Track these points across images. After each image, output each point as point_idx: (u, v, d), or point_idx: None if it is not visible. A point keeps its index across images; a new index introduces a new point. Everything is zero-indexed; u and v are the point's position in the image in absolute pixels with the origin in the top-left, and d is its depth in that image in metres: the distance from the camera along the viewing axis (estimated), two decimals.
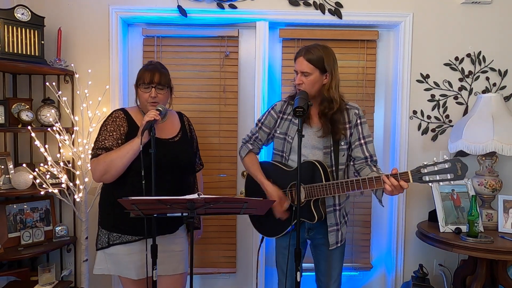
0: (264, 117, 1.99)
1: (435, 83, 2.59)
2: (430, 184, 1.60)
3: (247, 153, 2.01)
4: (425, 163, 1.59)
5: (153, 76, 1.75)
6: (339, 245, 1.90)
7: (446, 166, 1.55)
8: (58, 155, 2.32)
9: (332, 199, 1.84)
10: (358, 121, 1.87)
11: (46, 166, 2.29)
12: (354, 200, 2.66)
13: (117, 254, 1.76)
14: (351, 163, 1.91)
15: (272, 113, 1.97)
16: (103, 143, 1.73)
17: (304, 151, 1.84)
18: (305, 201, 1.81)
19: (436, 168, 1.56)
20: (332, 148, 1.84)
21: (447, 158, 1.57)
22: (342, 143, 1.85)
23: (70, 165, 2.38)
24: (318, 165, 1.79)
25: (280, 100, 2.00)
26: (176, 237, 1.86)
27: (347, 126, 1.85)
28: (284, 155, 1.92)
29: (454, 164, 1.54)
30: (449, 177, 1.54)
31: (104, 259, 1.78)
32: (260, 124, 2.00)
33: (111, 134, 1.74)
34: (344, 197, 1.91)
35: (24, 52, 2.24)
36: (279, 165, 1.92)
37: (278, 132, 1.94)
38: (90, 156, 1.79)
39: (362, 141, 1.86)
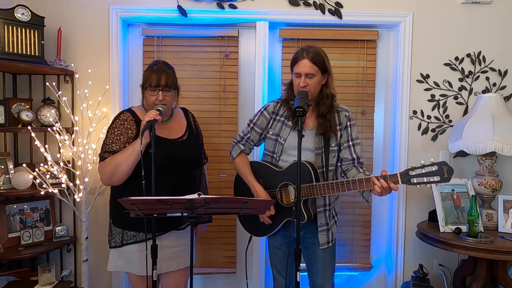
0: (256, 118, 1.99)
1: (435, 83, 2.59)
2: (417, 186, 1.64)
3: (238, 153, 2.02)
4: (413, 165, 1.64)
5: (160, 78, 1.73)
6: (330, 245, 1.91)
7: (433, 169, 1.60)
8: (58, 155, 2.32)
9: (323, 199, 1.87)
10: (348, 123, 1.91)
11: (46, 166, 2.29)
12: (354, 200, 2.66)
13: (129, 252, 1.79)
14: (339, 163, 1.94)
15: (264, 113, 1.96)
16: (110, 146, 1.73)
17: (294, 153, 1.84)
18: (295, 201, 1.82)
19: (423, 171, 1.61)
20: (323, 149, 1.86)
21: (434, 161, 1.61)
22: (333, 145, 1.88)
23: (70, 165, 2.38)
24: (309, 166, 1.80)
25: (272, 101, 1.99)
26: (184, 232, 1.88)
27: (338, 127, 1.89)
28: (275, 156, 1.93)
29: (441, 167, 1.59)
30: (435, 180, 1.59)
31: (118, 257, 1.81)
32: (252, 125, 1.99)
33: (118, 137, 1.74)
34: (333, 197, 1.93)
35: (24, 52, 2.24)
36: (269, 165, 1.93)
37: (270, 133, 1.95)
38: (98, 160, 1.79)
39: (351, 143, 1.90)
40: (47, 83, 2.39)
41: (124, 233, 1.78)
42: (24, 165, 2.30)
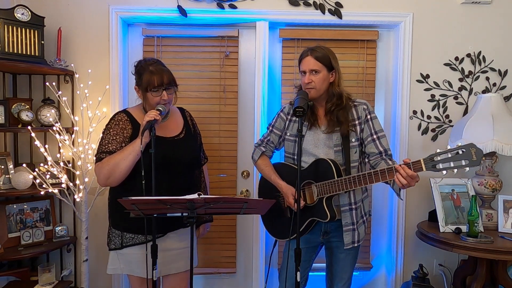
0: (274, 120, 2.04)
1: (435, 83, 2.60)
2: (444, 172, 1.50)
3: (259, 155, 2.05)
4: (438, 150, 1.53)
5: (162, 78, 1.73)
6: (355, 245, 1.86)
7: (460, 152, 1.47)
8: (58, 155, 2.32)
9: (348, 198, 1.82)
10: (368, 117, 1.85)
11: (46, 166, 2.29)
12: None
13: (129, 254, 1.78)
14: (366, 159, 1.88)
15: (281, 115, 2.01)
16: (106, 147, 1.72)
17: (316, 151, 1.86)
18: (317, 199, 1.82)
19: (449, 155, 1.49)
20: (342, 146, 1.83)
21: (460, 144, 1.48)
22: (353, 140, 1.83)
23: (70, 165, 2.38)
24: (330, 162, 1.79)
25: (288, 103, 2.01)
26: (185, 234, 1.86)
27: (357, 122, 1.84)
28: (295, 157, 1.93)
29: (468, 149, 1.44)
30: (463, 164, 1.45)
31: (117, 259, 1.80)
32: (271, 128, 2.05)
33: (114, 138, 1.74)
34: (360, 195, 1.87)
35: (24, 52, 2.24)
36: (291, 165, 1.96)
37: (288, 134, 1.97)
38: (94, 161, 1.79)
39: (375, 136, 1.83)
40: (47, 83, 2.39)
41: (123, 235, 1.77)
42: (24, 165, 2.30)
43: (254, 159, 2.08)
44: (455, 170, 1.50)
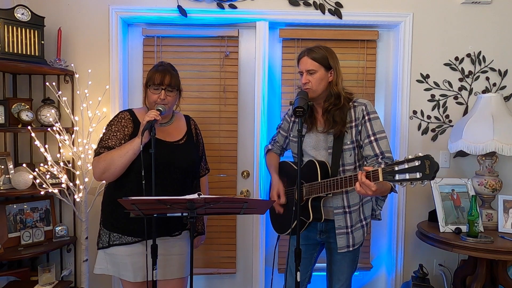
0: (281, 122, 2.12)
1: (435, 83, 2.60)
2: (400, 185, 1.44)
3: (266, 152, 2.17)
4: (398, 160, 1.46)
5: (164, 77, 1.75)
6: (350, 249, 1.83)
7: (416, 164, 1.39)
8: (58, 155, 2.32)
9: (341, 200, 1.81)
10: (366, 118, 1.77)
11: (46, 166, 2.29)
12: None
13: (116, 255, 1.76)
14: (366, 163, 1.82)
15: (286, 117, 2.07)
16: (106, 142, 1.74)
17: (313, 152, 1.87)
18: (305, 200, 1.83)
19: (406, 166, 1.41)
20: (333, 149, 1.82)
21: (419, 154, 1.40)
22: (348, 142, 1.80)
23: (70, 165, 2.38)
24: (317, 164, 1.80)
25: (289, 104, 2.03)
26: (177, 241, 1.85)
27: (353, 124, 1.79)
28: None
29: (423, 162, 1.37)
30: (418, 176, 1.37)
31: (104, 259, 1.79)
32: (278, 129, 2.14)
33: (114, 134, 1.75)
34: (357, 199, 1.83)
35: (24, 52, 2.24)
36: (291, 164, 2.01)
37: (291, 135, 2.01)
38: (93, 155, 1.80)
39: (372, 138, 1.75)
40: (47, 83, 2.39)
41: (110, 234, 1.76)
42: (24, 165, 2.30)
43: (264, 156, 2.19)
44: (410, 183, 1.41)
